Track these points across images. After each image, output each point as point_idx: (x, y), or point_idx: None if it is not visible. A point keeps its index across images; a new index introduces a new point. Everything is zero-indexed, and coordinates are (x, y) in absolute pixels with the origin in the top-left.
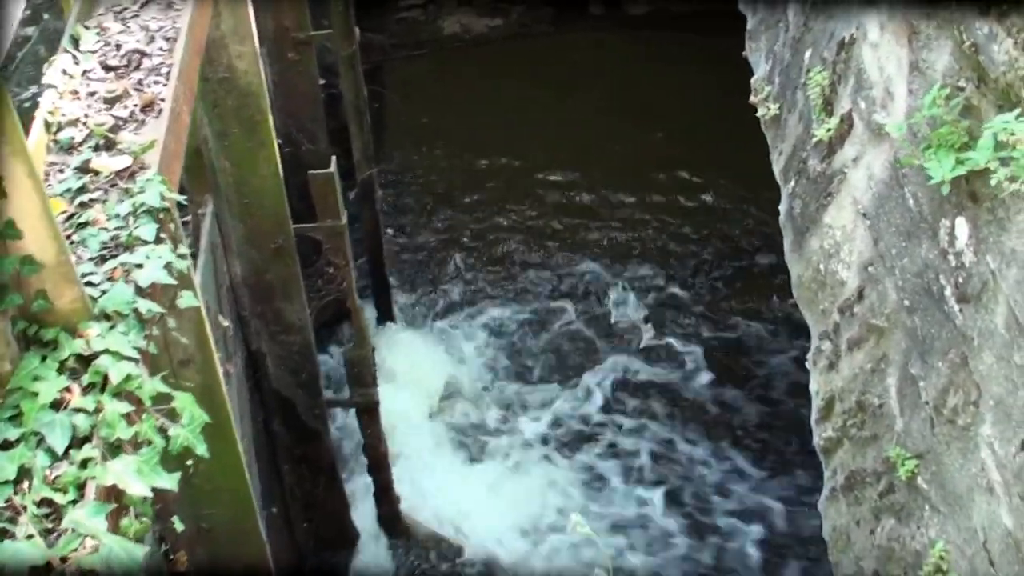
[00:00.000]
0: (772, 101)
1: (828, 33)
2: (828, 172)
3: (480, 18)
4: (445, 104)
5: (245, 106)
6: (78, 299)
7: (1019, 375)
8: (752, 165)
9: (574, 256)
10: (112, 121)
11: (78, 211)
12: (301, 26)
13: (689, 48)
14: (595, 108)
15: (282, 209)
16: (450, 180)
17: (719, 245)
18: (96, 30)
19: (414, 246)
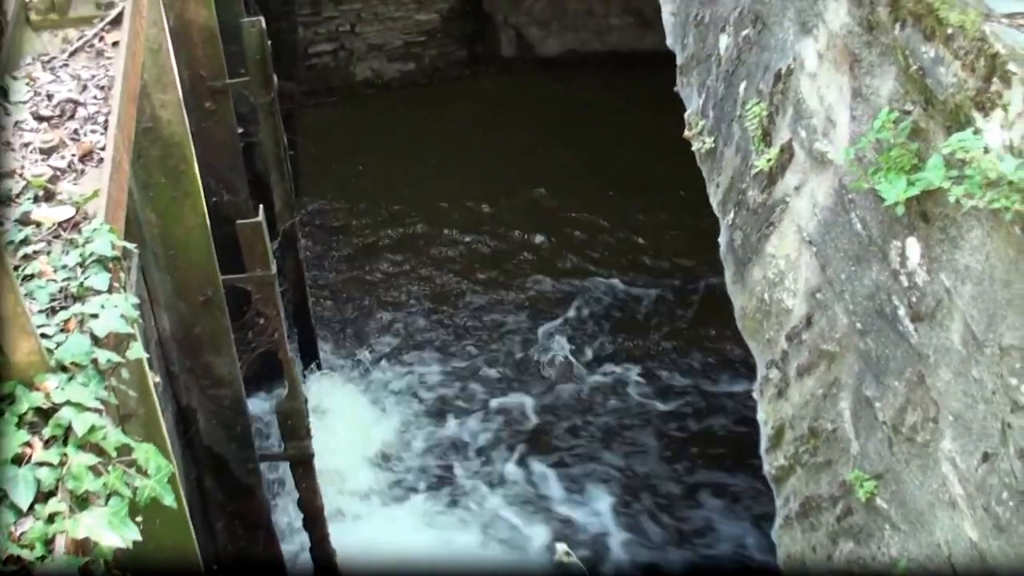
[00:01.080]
0: (707, 135)
1: (762, 65)
2: (769, 202)
3: (392, 63)
4: (360, 151)
5: (170, 156)
6: (35, 351)
7: (978, 389)
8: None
9: (496, 297)
10: (50, 172)
11: (22, 263)
12: (218, 75)
13: (605, 86)
14: (511, 149)
15: (210, 260)
16: (368, 227)
17: (646, 279)
18: (25, 80)
19: (337, 294)
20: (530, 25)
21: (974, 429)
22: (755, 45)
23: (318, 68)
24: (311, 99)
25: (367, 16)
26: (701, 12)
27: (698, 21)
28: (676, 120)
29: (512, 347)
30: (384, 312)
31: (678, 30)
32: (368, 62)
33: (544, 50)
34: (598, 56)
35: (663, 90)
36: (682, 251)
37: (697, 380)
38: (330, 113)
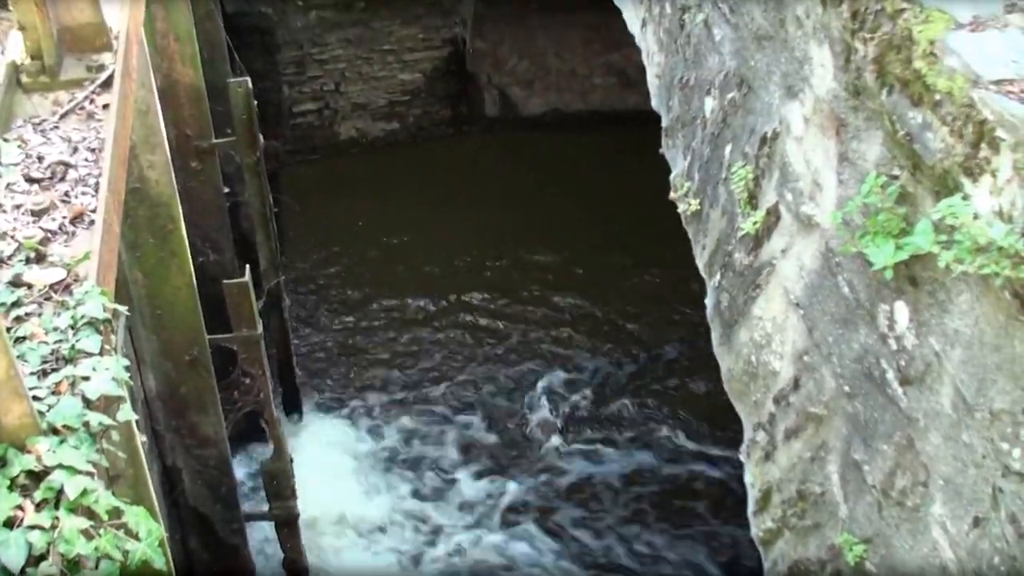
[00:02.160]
0: (693, 197)
1: (748, 129)
2: (756, 264)
3: (376, 122)
4: (344, 210)
5: (157, 216)
6: (27, 414)
7: (968, 454)
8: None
9: (479, 355)
10: (41, 234)
11: (14, 325)
12: (204, 134)
13: (588, 146)
14: (494, 208)
15: (196, 320)
16: (352, 287)
17: (631, 337)
18: (17, 143)
19: (321, 354)
20: (513, 85)
21: (965, 493)
22: (741, 108)
23: (303, 127)
24: (296, 157)
25: (351, 75)
26: (686, 75)
27: (683, 84)
28: (660, 179)
29: (493, 407)
30: (368, 369)
31: (663, 92)
32: (352, 121)
33: (528, 110)
34: (581, 115)
35: (646, 149)
36: (667, 311)
37: (686, 441)
38: (315, 171)
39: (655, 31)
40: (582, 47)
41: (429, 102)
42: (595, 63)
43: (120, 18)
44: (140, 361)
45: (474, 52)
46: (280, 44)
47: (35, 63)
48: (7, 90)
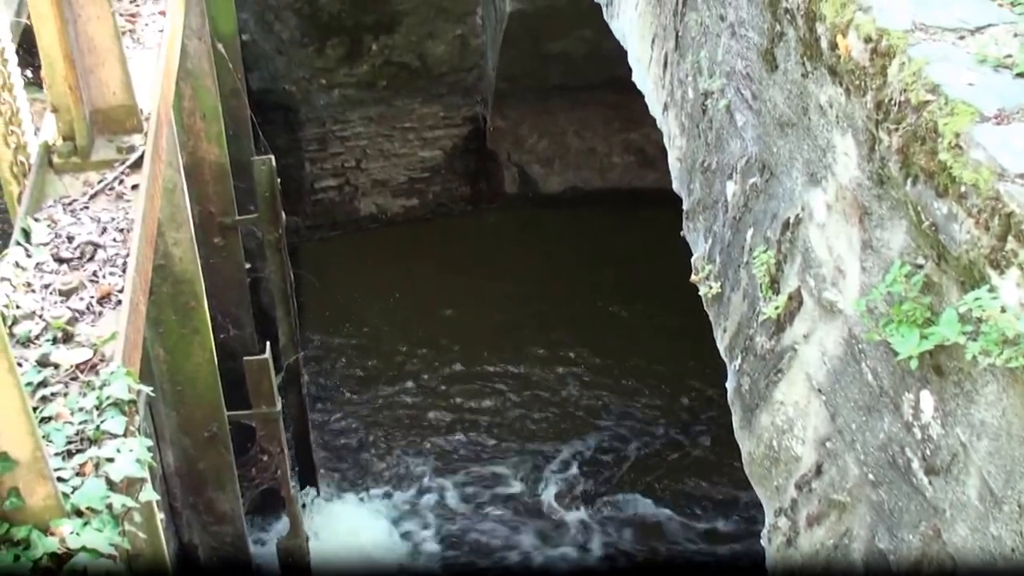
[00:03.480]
0: (714, 279)
1: (770, 214)
2: (777, 349)
3: (396, 198)
4: (363, 286)
5: (180, 293)
6: (51, 496)
7: (996, 546)
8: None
9: (496, 435)
10: (69, 314)
11: (40, 405)
12: (227, 211)
13: (607, 223)
14: (514, 286)
15: (216, 396)
16: (371, 363)
17: (657, 423)
18: (47, 223)
19: (338, 430)
20: (533, 163)
21: None
22: (763, 193)
23: (323, 203)
24: (316, 233)
25: (372, 152)
26: (708, 159)
27: (705, 167)
28: (679, 258)
29: (511, 485)
30: (385, 445)
31: (684, 175)
32: (372, 197)
33: (547, 187)
34: (600, 193)
35: (665, 228)
36: (687, 394)
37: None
38: (334, 247)
39: (677, 115)
40: (602, 126)
41: (449, 179)
42: (614, 141)
43: (151, 99)
44: (159, 437)
45: (494, 130)
46: (303, 121)
47: (67, 144)
48: (39, 170)
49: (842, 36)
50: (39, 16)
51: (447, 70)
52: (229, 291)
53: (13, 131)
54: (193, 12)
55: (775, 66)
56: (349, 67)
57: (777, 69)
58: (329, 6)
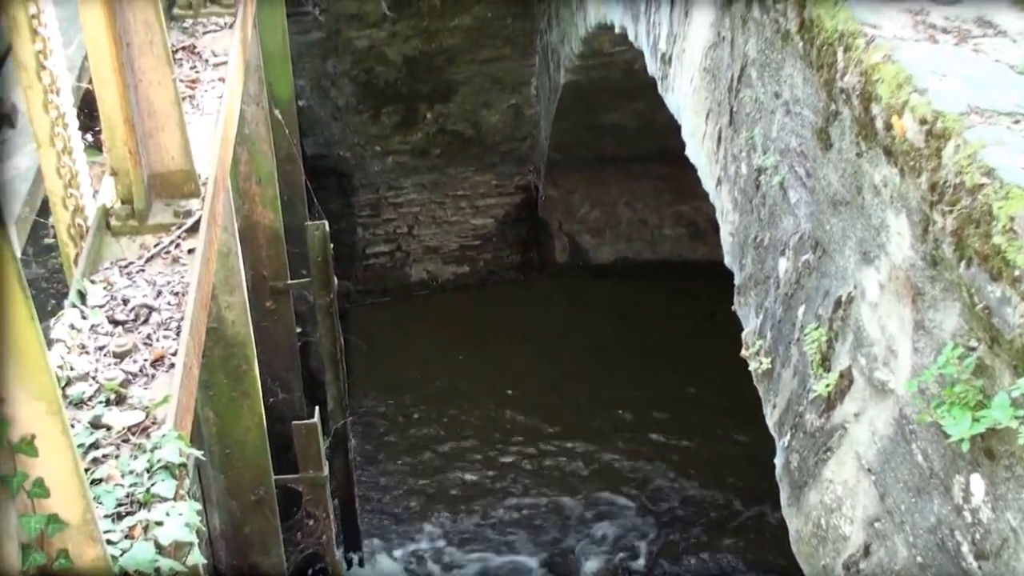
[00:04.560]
0: (764, 355)
1: (822, 291)
2: (827, 427)
3: (447, 265)
4: (412, 352)
5: (232, 356)
6: (100, 558)
7: None
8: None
9: (545, 502)
10: (122, 376)
11: (91, 467)
12: (280, 275)
13: (656, 295)
14: (563, 355)
15: (264, 460)
16: (419, 430)
17: (703, 495)
18: (103, 285)
19: (384, 495)
20: (584, 233)
21: None
22: (815, 270)
23: (375, 268)
24: (367, 298)
25: (424, 219)
26: (760, 234)
27: (757, 243)
28: (728, 330)
29: (559, 551)
30: (432, 512)
31: (736, 250)
32: (424, 263)
33: (597, 257)
34: (650, 265)
35: (715, 301)
36: (735, 468)
37: None
38: (385, 312)
39: (730, 190)
40: (653, 197)
41: (500, 247)
42: (665, 213)
43: (208, 164)
44: (206, 499)
45: (546, 199)
46: (357, 187)
47: (125, 207)
48: (96, 233)
49: (897, 117)
50: (101, 81)
51: (500, 139)
52: (279, 354)
53: (72, 194)
54: (252, 78)
55: (829, 144)
56: (404, 134)
57: (832, 148)
58: (385, 74)
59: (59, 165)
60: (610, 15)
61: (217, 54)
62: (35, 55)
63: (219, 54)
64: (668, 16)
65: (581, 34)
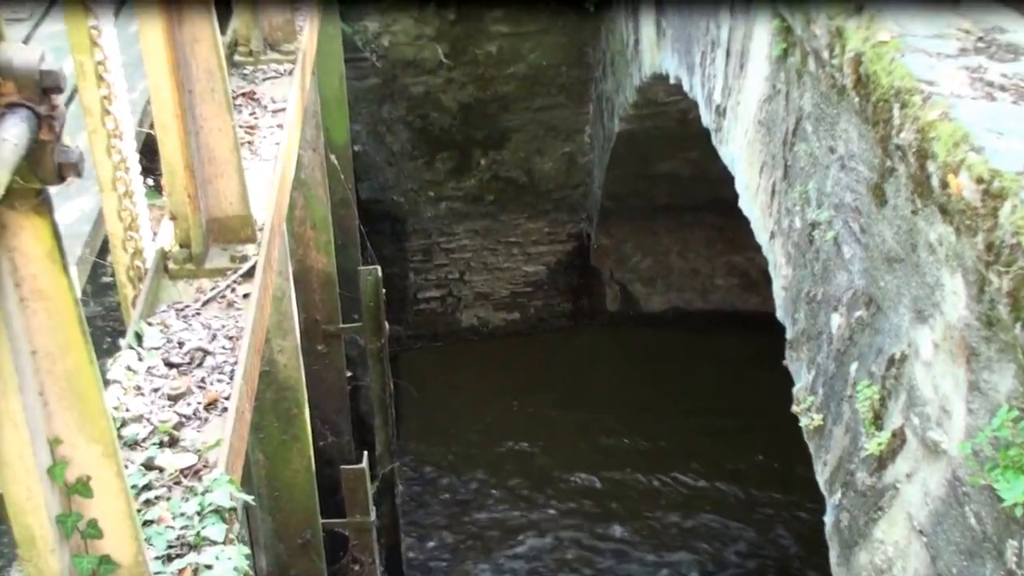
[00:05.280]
0: (816, 411)
1: (875, 348)
2: (879, 486)
3: (497, 312)
4: (461, 397)
5: (283, 399)
6: None
7: None
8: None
9: (593, 558)
10: (176, 418)
11: (143, 508)
12: (332, 319)
13: (708, 345)
14: (612, 404)
15: (312, 504)
16: (466, 476)
17: (752, 552)
18: (160, 327)
19: (429, 542)
20: (635, 281)
21: None
22: (868, 327)
23: (426, 313)
24: (417, 343)
25: (476, 265)
26: (813, 290)
27: (810, 298)
28: (779, 382)
29: None
30: (477, 561)
31: (789, 304)
32: (474, 309)
33: (648, 306)
34: (702, 314)
35: (767, 353)
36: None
37: None
38: (434, 357)
39: (783, 244)
40: (705, 247)
41: (551, 294)
42: (718, 263)
43: (265, 210)
44: (253, 541)
45: (598, 248)
46: (410, 232)
47: (183, 251)
48: (155, 275)
49: (954, 176)
50: (163, 126)
51: (554, 187)
52: (330, 398)
53: (132, 236)
54: (309, 124)
55: (884, 201)
56: (457, 180)
57: (886, 204)
58: (440, 120)
59: (120, 208)
60: (665, 65)
61: (276, 100)
62: (100, 100)
63: (278, 100)
64: (723, 68)
65: (636, 83)
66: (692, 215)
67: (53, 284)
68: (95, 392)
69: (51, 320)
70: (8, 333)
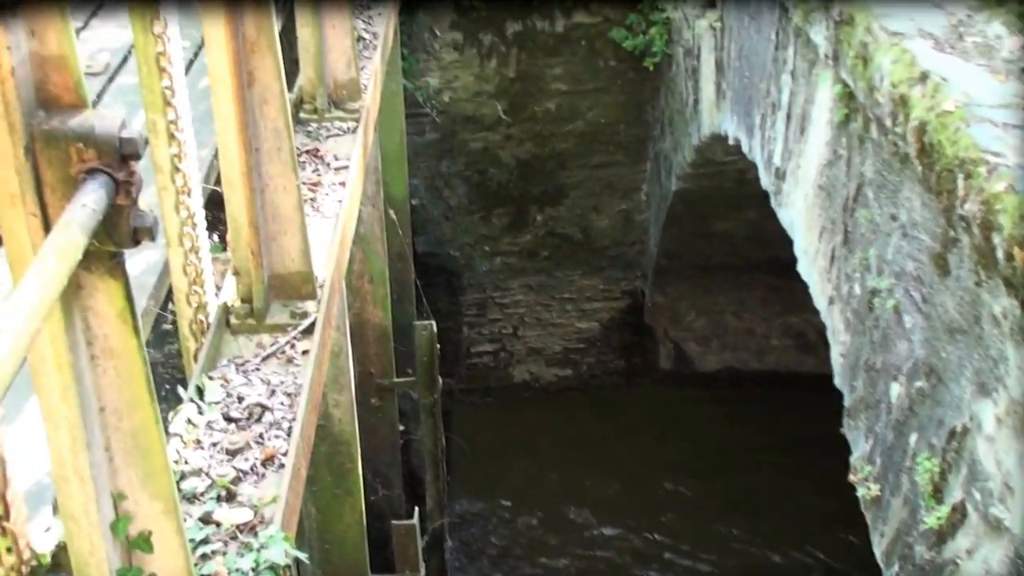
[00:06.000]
0: (873, 482)
1: (936, 420)
2: (938, 561)
3: (550, 367)
4: (512, 453)
5: (337, 453)
6: None
7: None
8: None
9: None
10: (234, 473)
11: (199, 563)
12: (386, 373)
13: (763, 407)
14: (664, 463)
15: (362, 558)
16: (514, 533)
17: None
18: (220, 381)
19: None
20: (690, 340)
21: None
22: (929, 399)
23: (478, 367)
24: (468, 397)
25: (530, 320)
26: (872, 358)
27: (869, 366)
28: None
29: None
30: None
31: (847, 371)
32: (527, 365)
33: (702, 366)
34: (756, 375)
35: (821, 416)
36: None
37: None
38: (486, 412)
39: (842, 310)
40: (761, 307)
41: (604, 351)
42: (773, 324)
43: (326, 267)
44: None
45: (653, 306)
46: (465, 286)
47: (245, 306)
48: (217, 330)
49: (1019, 248)
50: (230, 184)
51: (609, 244)
52: (382, 452)
53: (196, 291)
54: (369, 179)
55: (947, 271)
56: (513, 236)
57: (949, 274)
58: (498, 176)
59: (186, 263)
60: (724, 126)
61: (339, 158)
62: (170, 158)
63: (341, 158)
64: (783, 132)
65: (694, 143)
66: (748, 275)
67: (124, 343)
68: (159, 449)
69: (120, 378)
70: (78, 390)
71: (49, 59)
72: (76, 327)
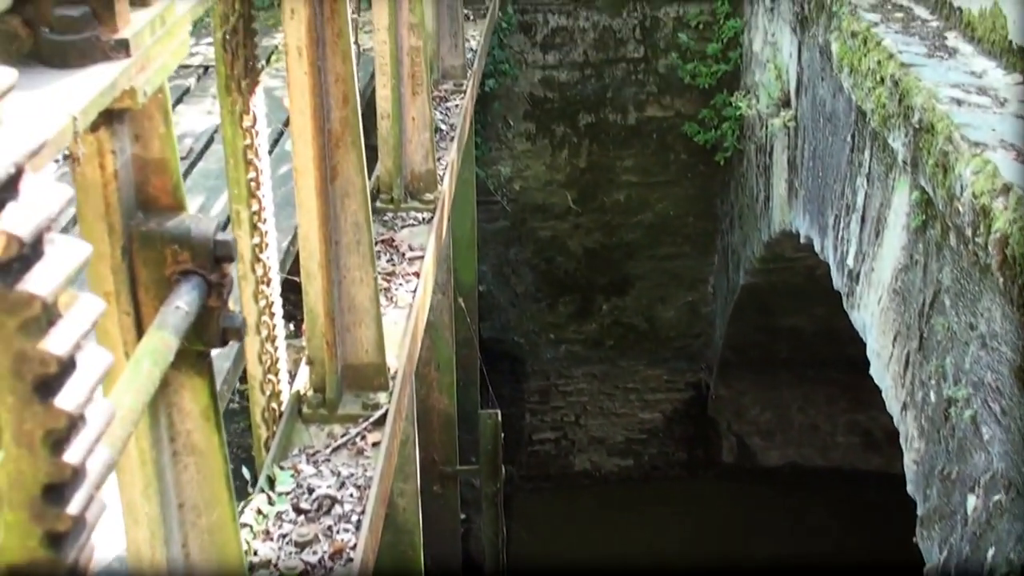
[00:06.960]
0: None
1: (1015, 535)
2: None
3: (611, 457)
4: (572, 543)
5: (399, 542)
6: None
7: None
8: None
9: None
10: (302, 566)
11: None
12: (450, 460)
13: (827, 506)
14: (725, 558)
15: None
16: None
17: None
18: (291, 472)
19: None
20: (753, 434)
21: None
22: (1007, 512)
23: (540, 455)
24: (529, 484)
25: (592, 409)
26: (948, 467)
27: (944, 476)
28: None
29: None
30: None
31: (920, 480)
32: (588, 453)
33: (765, 460)
34: (821, 472)
35: (887, 518)
36: None
37: None
38: (546, 500)
39: (916, 417)
40: (826, 403)
41: (666, 443)
42: (839, 420)
43: (398, 358)
44: None
45: (716, 398)
46: (529, 373)
47: (317, 396)
48: (289, 419)
49: None
50: (308, 275)
51: (674, 335)
52: (442, 540)
53: (270, 379)
54: (441, 267)
55: None
56: (578, 324)
57: None
58: (565, 264)
59: (261, 352)
60: (796, 224)
61: (414, 248)
62: (252, 248)
63: (415, 248)
64: (858, 234)
65: (764, 238)
66: (815, 370)
67: (206, 440)
68: (235, 546)
69: (200, 475)
70: (159, 487)
71: (151, 163)
72: (161, 424)
